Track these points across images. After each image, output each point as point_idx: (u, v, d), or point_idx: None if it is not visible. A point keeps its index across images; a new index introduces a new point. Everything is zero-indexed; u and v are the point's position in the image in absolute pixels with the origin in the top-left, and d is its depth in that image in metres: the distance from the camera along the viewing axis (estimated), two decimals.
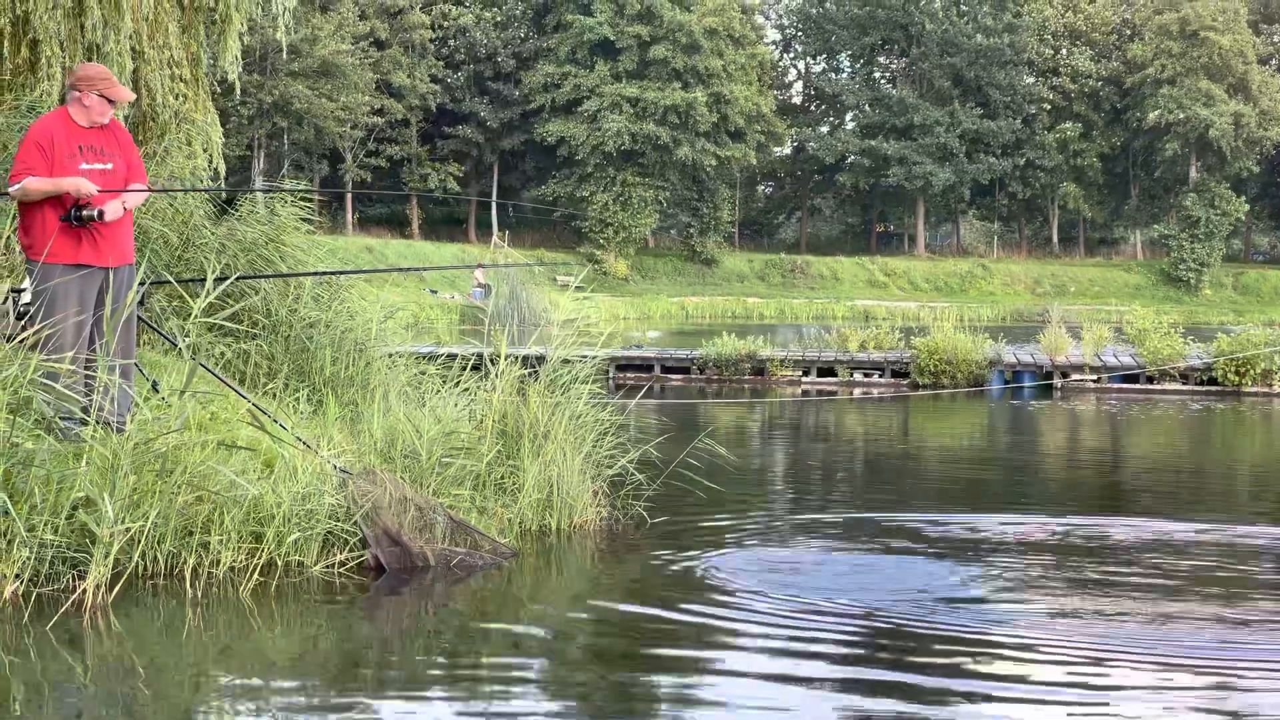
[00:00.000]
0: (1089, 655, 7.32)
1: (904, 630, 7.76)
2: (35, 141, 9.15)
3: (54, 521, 7.82)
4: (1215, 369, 25.75)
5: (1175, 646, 7.48)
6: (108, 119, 9.40)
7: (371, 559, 8.87)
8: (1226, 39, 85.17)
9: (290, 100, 70.59)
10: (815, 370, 27.83)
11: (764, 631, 7.72)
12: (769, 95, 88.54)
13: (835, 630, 7.76)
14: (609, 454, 11.22)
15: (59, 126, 9.27)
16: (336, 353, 12.98)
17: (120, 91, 9.38)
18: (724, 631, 7.72)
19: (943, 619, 8.04)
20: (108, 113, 9.37)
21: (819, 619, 8.00)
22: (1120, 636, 7.70)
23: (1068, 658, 7.30)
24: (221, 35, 17.53)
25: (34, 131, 9.32)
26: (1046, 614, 8.25)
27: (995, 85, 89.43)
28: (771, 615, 8.08)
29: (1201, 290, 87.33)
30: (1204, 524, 11.52)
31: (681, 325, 58.45)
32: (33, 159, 9.05)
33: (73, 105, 9.34)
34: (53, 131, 9.22)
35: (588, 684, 6.81)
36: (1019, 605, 8.49)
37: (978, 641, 7.58)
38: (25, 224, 9.20)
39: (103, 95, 9.28)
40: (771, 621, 7.94)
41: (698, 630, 7.73)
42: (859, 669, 7.07)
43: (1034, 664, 7.20)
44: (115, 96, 9.35)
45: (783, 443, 18.94)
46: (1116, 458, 17.70)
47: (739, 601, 8.49)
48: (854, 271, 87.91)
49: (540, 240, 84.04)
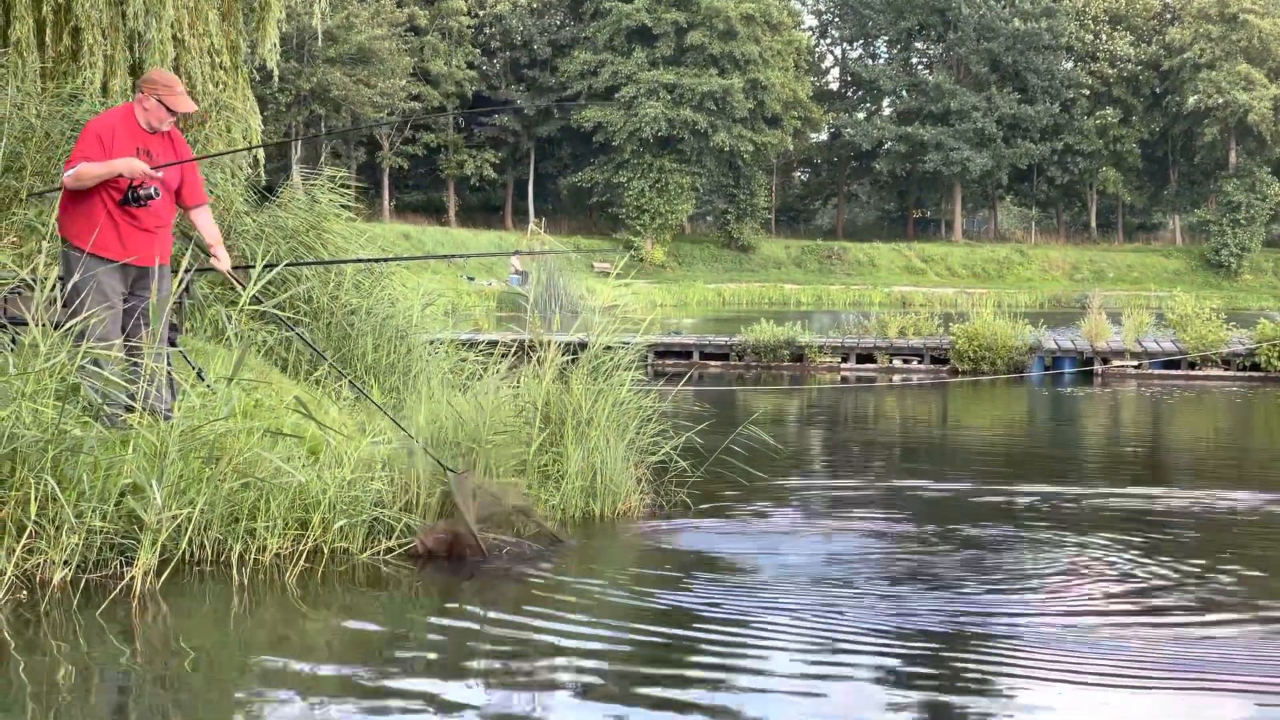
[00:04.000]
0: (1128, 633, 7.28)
1: (948, 621, 7.72)
2: (96, 132, 9.17)
3: (102, 508, 7.84)
4: (1258, 354, 25.57)
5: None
6: (166, 126, 9.40)
7: (420, 545, 8.88)
8: (1267, 22, 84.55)
9: (328, 87, 70.75)
10: (854, 356, 27.76)
11: (807, 620, 7.69)
12: (805, 81, 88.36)
13: (879, 620, 7.72)
14: (651, 440, 11.20)
15: (121, 121, 9.30)
16: (378, 339, 13.02)
17: (180, 101, 9.36)
18: (766, 622, 7.69)
19: (987, 613, 8.01)
20: (165, 120, 9.36)
21: (863, 608, 7.97)
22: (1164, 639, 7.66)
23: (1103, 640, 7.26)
24: (260, 23, 17.56)
25: (97, 122, 9.34)
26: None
27: (1033, 70, 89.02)
28: (815, 604, 8.05)
29: (1241, 275, 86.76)
30: (1244, 499, 11.46)
31: (719, 311, 58.40)
32: (91, 149, 9.07)
33: (136, 105, 9.38)
34: (115, 125, 9.24)
35: (631, 673, 6.79)
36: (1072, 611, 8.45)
37: (1019, 651, 7.55)
38: (71, 213, 9.20)
39: (161, 101, 9.29)
40: (815, 610, 7.91)
41: (740, 619, 7.70)
42: (902, 660, 7.03)
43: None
44: (173, 105, 9.33)
45: (824, 429, 18.88)
46: (1159, 441, 17.59)
47: (781, 589, 8.47)
48: (891, 258, 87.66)
49: (577, 227, 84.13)
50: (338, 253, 13.96)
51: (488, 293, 54.94)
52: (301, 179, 16.70)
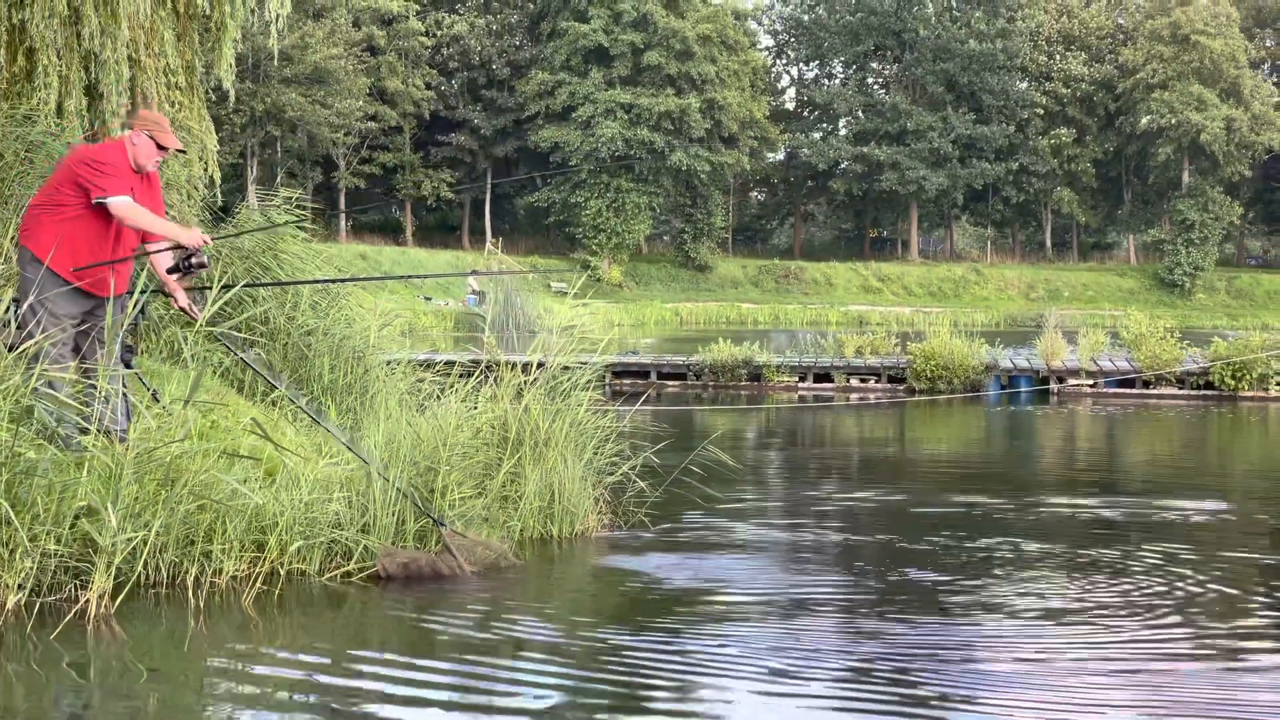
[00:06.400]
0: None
1: (906, 642, 7.73)
2: (123, 164, 9.13)
3: (57, 531, 7.78)
4: (1212, 373, 25.75)
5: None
6: (152, 165, 9.35)
7: (380, 568, 8.86)
8: (1218, 43, 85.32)
9: (283, 108, 70.53)
10: (812, 376, 27.83)
11: (765, 638, 7.70)
12: (762, 101, 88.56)
13: (837, 640, 7.73)
14: (609, 461, 11.20)
15: (123, 158, 9.26)
16: (335, 360, 12.96)
17: (170, 139, 9.33)
18: (725, 638, 7.69)
19: (944, 633, 8.03)
20: (154, 158, 9.32)
21: (821, 627, 7.98)
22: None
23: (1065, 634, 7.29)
24: (216, 43, 17.47)
25: (118, 153, 9.25)
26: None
27: (988, 90, 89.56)
28: (773, 622, 8.06)
29: (1195, 294, 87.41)
30: (1184, 508, 11.53)
31: (676, 331, 58.44)
32: (128, 178, 9.05)
33: (126, 142, 9.33)
34: (124, 160, 9.22)
35: (588, 691, 6.78)
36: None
37: (983, 660, 7.57)
38: (43, 224, 9.05)
39: (152, 136, 9.25)
40: (773, 628, 7.92)
41: (699, 638, 7.70)
42: (860, 680, 7.04)
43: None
44: (164, 142, 9.30)
45: (782, 448, 18.91)
46: (1113, 457, 17.68)
47: (740, 608, 8.48)
48: (847, 277, 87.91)
49: (534, 247, 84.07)
50: (294, 273, 13.89)
51: (445, 313, 54.86)
52: (258, 199, 16.63)
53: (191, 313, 9.90)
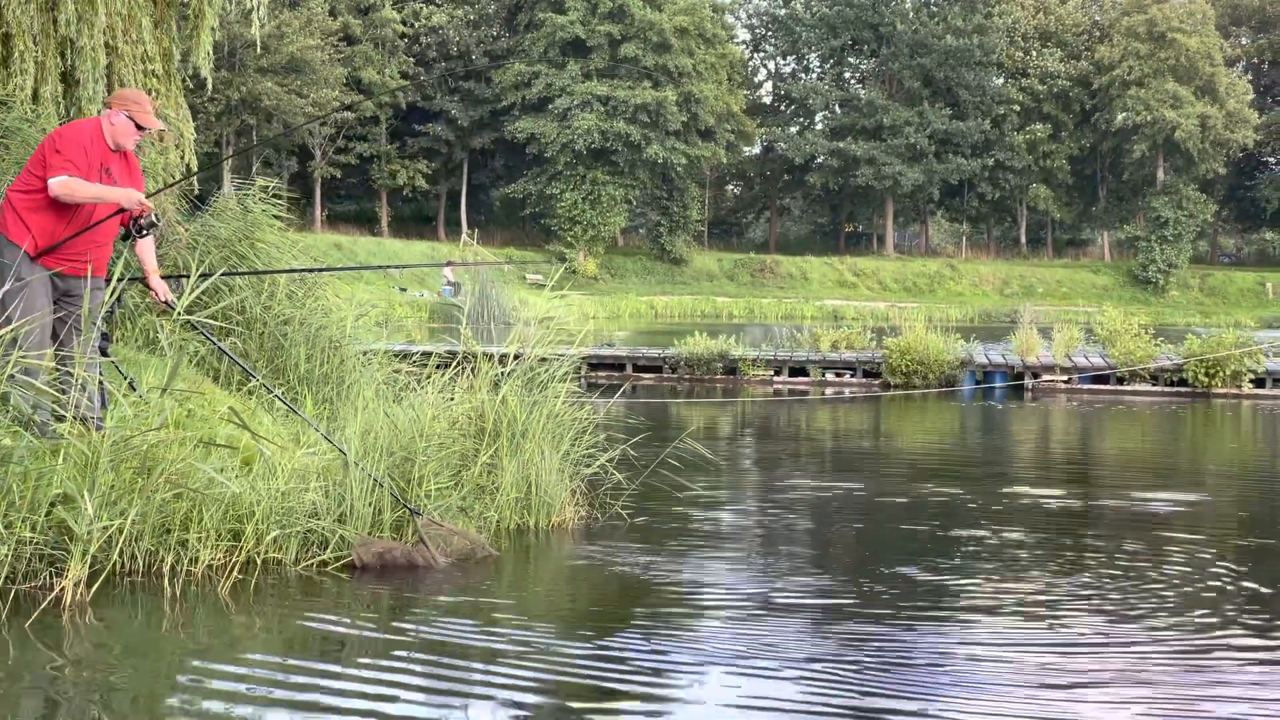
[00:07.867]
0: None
1: (878, 634, 7.76)
2: (80, 143, 9.01)
3: (32, 519, 7.76)
4: (1186, 370, 25.85)
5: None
6: (131, 144, 9.27)
7: (356, 558, 8.86)
8: (1194, 41, 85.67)
9: (259, 97, 70.38)
10: (787, 370, 27.85)
11: (740, 630, 7.72)
12: (739, 94, 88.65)
13: (810, 632, 7.76)
14: (586, 453, 11.21)
15: (93, 137, 9.15)
16: (311, 350, 12.95)
17: (150, 119, 9.25)
18: (700, 630, 7.71)
19: (914, 626, 8.06)
20: (132, 137, 9.23)
21: (795, 620, 8.01)
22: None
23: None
24: (194, 30, 17.41)
25: (76, 132, 9.16)
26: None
27: (965, 86, 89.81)
28: (748, 612, 8.08)
29: (1168, 291, 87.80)
30: (1156, 503, 11.59)
31: (651, 324, 58.44)
32: (78, 158, 8.92)
33: (104, 120, 9.25)
34: (91, 139, 9.11)
35: (561, 683, 6.79)
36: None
37: (956, 646, 7.60)
38: (16, 208, 9.01)
39: (131, 117, 9.18)
40: (747, 621, 7.94)
41: (673, 629, 7.72)
42: (834, 668, 7.06)
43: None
44: (143, 122, 9.21)
45: (757, 441, 18.92)
46: (1086, 452, 17.74)
47: (714, 600, 8.50)
48: (823, 271, 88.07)
49: (509, 239, 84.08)
50: (270, 262, 13.87)
51: (420, 304, 54.79)
52: (234, 188, 16.60)
53: (167, 304, 9.87)
